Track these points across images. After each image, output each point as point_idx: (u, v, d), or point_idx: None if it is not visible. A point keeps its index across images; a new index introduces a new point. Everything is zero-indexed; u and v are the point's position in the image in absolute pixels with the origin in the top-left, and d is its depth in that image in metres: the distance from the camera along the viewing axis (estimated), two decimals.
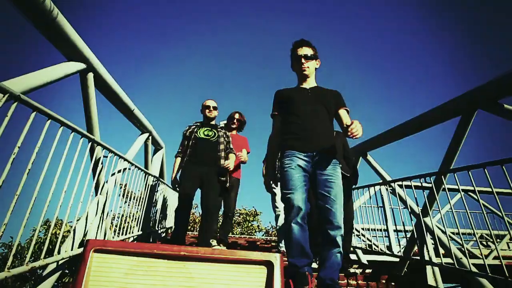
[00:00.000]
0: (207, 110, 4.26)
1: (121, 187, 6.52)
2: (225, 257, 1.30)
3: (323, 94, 2.64)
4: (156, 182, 5.25)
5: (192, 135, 4.09)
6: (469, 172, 2.92)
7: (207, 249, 1.30)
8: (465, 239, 9.64)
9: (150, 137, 5.46)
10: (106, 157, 3.26)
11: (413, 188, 3.92)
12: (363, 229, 7.52)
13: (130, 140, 5.06)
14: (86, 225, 3.01)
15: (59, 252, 2.43)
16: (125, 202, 5.50)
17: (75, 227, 2.81)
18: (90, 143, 2.76)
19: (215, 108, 4.30)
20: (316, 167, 2.43)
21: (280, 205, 4.78)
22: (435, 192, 3.55)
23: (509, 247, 9.81)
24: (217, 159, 4.01)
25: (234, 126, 5.03)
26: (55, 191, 2.24)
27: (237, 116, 5.05)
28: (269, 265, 1.29)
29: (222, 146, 4.10)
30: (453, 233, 8.49)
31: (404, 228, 4.11)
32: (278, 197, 4.76)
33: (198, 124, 4.28)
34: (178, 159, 4.16)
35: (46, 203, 2.17)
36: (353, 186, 4.24)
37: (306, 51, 2.66)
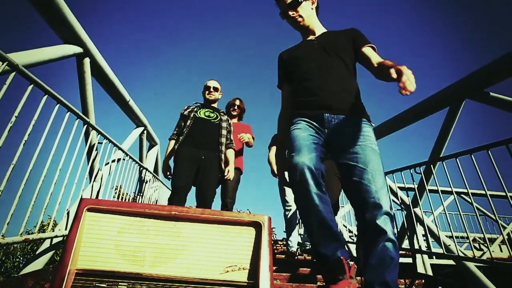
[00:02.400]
0: (207, 92, 3.77)
1: (115, 190, 6.44)
2: (215, 218, 1.33)
3: (333, 41, 1.97)
4: (150, 178, 5.28)
5: (191, 114, 3.55)
6: (457, 160, 3.00)
7: (197, 209, 1.33)
8: (458, 241, 9.68)
9: (145, 132, 5.49)
10: (101, 143, 3.30)
11: (403, 178, 3.97)
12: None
13: (125, 135, 5.08)
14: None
15: (53, 230, 2.46)
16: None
17: (69, 209, 2.84)
18: (85, 126, 2.81)
19: (216, 89, 3.79)
20: (334, 133, 1.77)
21: (292, 200, 4.49)
22: (425, 182, 3.61)
23: (501, 250, 9.86)
24: (218, 144, 3.49)
25: (235, 113, 4.49)
26: (49, 169, 2.29)
27: (237, 102, 4.57)
28: (257, 226, 1.33)
29: (224, 132, 3.57)
30: (446, 236, 8.54)
31: (396, 219, 4.16)
32: (289, 191, 4.44)
33: (199, 104, 3.74)
34: (173, 142, 3.55)
35: (41, 178, 2.22)
36: None
37: (286, 1, 2.00)
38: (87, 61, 3.10)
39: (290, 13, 2.00)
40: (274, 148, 4.66)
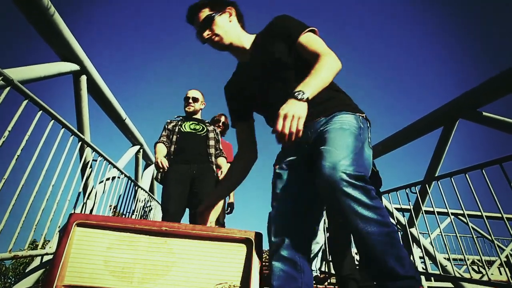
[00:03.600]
0: (185, 104, 3.47)
1: (112, 210, 6.36)
2: (205, 234, 1.32)
3: (269, 51, 1.56)
4: (145, 197, 5.25)
5: (176, 128, 3.31)
6: (452, 179, 3.00)
7: (188, 225, 1.32)
8: (456, 264, 9.57)
9: (141, 151, 5.49)
10: (96, 160, 3.29)
11: (399, 198, 3.97)
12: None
13: (121, 153, 5.07)
14: None
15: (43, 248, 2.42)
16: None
17: (60, 227, 2.80)
18: (80, 143, 2.80)
19: (195, 100, 3.45)
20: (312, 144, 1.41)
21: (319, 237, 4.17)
22: (420, 201, 3.60)
23: (500, 273, 9.73)
24: (208, 156, 3.28)
25: (218, 130, 3.96)
26: (42, 185, 2.28)
27: (222, 119, 4.38)
28: (248, 243, 1.32)
29: (212, 142, 3.36)
30: (444, 258, 8.44)
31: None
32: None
33: (181, 118, 3.48)
34: (161, 145, 3.22)
35: (33, 194, 2.20)
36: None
37: (200, 17, 1.63)
38: (83, 78, 3.13)
39: (205, 34, 1.61)
40: None
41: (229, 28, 1.64)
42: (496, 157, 2.65)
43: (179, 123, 3.38)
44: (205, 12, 1.62)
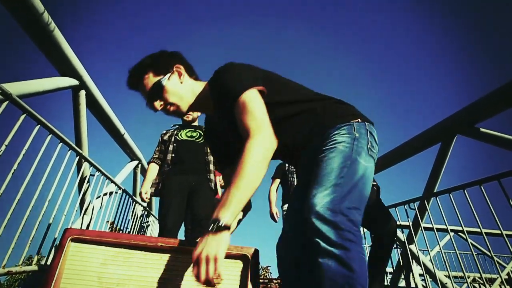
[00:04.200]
0: None
1: (110, 225, 6.28)
2: None
3: (218, 112, 1.45)
4: (143, 212, 5.21)
5: (172, 137, 3.19)
6: (451, 195, 3.01)
7: (183, 241, 1.31)
8: (457, 281, 9.44)
9: (140, 166, 5.47)
10: (93, 175, 3.28)
11: (398, 215, 3.94)
12: None
13: (119, 165, 5.07)
14: None
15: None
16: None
17: (56, 242, 2.77)
18: (77, 158, 2.79)
19: None
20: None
21: None
22: (419, 218, 3.59)
23: None
24: (206, 164, 3.14)
25: None
26: (38, 199, 2.26)
27: None
28: (245, 259, 1.31)
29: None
30: (444, 276, 8.34)
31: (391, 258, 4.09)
32: None
33: (178, 126, 3.35)
34: (154, 165, 3.18)
35: (28, 209, 2.18)
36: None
37: (146, 85, 1.40)
38: (82, 93, 3.15)
39: (157, 105, 1.40)
40: (277, 181, 4.37)
41: (183, 91, 1.43)
42: (495, 172, 2.65)
43: (175, 132, 3.26)
44: (150, 78, 1.40)
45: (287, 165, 3.93)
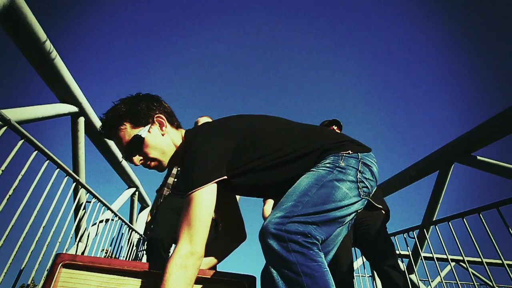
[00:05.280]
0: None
1: (105, 253, 6.15)
2: (197, 277, 1.28)
3: None
4: (140, 238, 5.13)
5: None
6: (450, 223, 2.98)
7: None
8: None
9: (137, 193, 5.45)
10: (90, 202, 3.25)
11: (397, 244, 3.89)
12: None
13: (117, 192, 5.04)
14: None
15: None
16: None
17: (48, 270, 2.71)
18: (74, 184, 2.78)
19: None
20: None
21: None
22: (419, 246, 3.54)
23: None
24: None
25: None
26: (33, 225, 2.23)
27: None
28: (241, 287, 1.28)
29: None
30: None
31: None
32: None
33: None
34: (158, 196, 3.12)
35: (22, 235, 2.15)
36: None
37: (122, 138, 1.27)
38: (81, 120, 3.18)
39: (136, 160, 1.28)
40: (271, 202, 4.05)
41: (164, 144, 1.31)
42: (494, 200, 2.64)
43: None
44: (127, 130, 1.26)
45: None
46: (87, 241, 3.42)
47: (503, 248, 2.60)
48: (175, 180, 3.00)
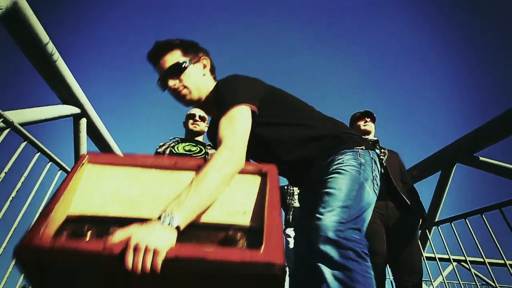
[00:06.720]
0: (190, 121, 2.80)
1: None
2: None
3: (218, 118, 1.27)
4: None
5: (167, 150, 2.65)
6: (452, 224, 2.99)
7: (200, 160, 1.24)
8: None
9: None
10: None
11: None
12: None
13: None
14: None
15: None
16: None
17: None
18: None
19: (202, 119, 2.82)
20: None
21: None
22: (421, 247, 3.53)
23: None
24: None
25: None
26: None
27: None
28: (263, 175, 1.23)
29: None
30: None
31: None
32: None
33: (178, 139, 2.80)
34: None
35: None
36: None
37: (168, 61, 1.35)
38: (83, 121, 3.20)
39: (170, 83, 1.34)
40: None
41: (201, 82, 1.39)
42: (497, 201, 2.64)
43: (172, 144, 2.74)
44: (176, 55, 1.36)
45: (285, 187, 3.89)
46: None
47: (506, 248, 2.60)
48: None
